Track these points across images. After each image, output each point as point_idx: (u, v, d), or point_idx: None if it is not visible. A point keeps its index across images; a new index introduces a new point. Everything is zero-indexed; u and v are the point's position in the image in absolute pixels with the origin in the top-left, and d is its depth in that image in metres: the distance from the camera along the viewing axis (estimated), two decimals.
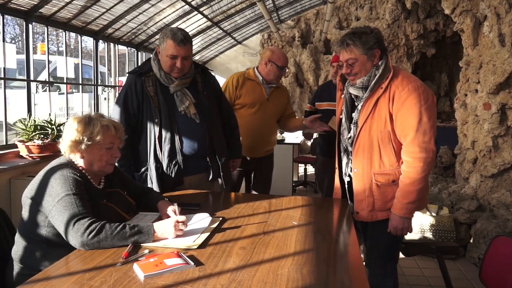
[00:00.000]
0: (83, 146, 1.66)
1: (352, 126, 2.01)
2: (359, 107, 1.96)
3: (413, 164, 1.84)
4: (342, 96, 2.10)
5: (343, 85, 2.09)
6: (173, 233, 1.55)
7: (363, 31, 1.93)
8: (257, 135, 2.98)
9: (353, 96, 2.03)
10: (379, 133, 1.92)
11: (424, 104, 1.82)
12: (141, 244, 1.50)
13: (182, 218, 1.59)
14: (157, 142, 2.21)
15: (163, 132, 2.21)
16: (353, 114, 2.01)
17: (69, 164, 1.68)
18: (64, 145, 1.70)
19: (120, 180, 1.91)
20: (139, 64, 6.03)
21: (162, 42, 2.18)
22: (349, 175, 2.09)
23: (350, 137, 2.03)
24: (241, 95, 2.94)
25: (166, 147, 2.22)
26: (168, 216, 1.70)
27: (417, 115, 1.82)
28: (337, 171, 2.19)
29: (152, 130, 2.22)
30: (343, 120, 2.09)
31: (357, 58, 1.91)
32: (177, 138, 2.23)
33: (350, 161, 2.06)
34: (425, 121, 1.82)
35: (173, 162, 2.23)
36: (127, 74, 2.35)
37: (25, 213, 1.64)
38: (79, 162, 1.71)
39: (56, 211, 1.53)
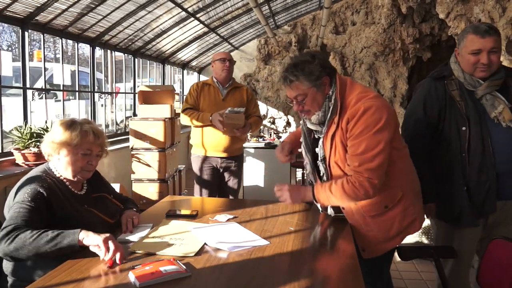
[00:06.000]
0: (59, 149, 1.66)
1: (320, 163, 1.81)
2: (320, 143, 1.79)
3: (357, 185, 1.63)
4: (301, 125, 1.92)
5: None
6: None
7: (305, 61, 1.70)
8: (217, 135, 3.11)
9: (312, 130, 1.85)
10: (347, 167, 1.70)
11: (373, 128, 1.60)
12: (138, 251, 1.49)
13: (112, 245, 1.40)
14: (464, 154, 1.91)
15: (472, 143, 1.89)
16: (317, 150, 1.83)
17: (44, 174, 1.66)
18: (44, 145, 1.70)
19: (104, 185, 1.91)
20: (134, 69, 6.04)
21: (462, 41, 1.94)
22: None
23: (323, 175, 1.83)
24: (200, 101, 3.20)
25: (475, 161, 1.89)
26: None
27: (364, 141, 1.61)
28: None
29: (457, 140, 1.93)
30: (304, 153, 1.92)
31: (305, 93, 1.70)
32: (489, 150, 1.87)
33: None
34: (372, 147, 1.61)
35: (483, 181, 1.89)
36: (425, 79, 2.06)
37: None
38: (57, 165, 1.70)
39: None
